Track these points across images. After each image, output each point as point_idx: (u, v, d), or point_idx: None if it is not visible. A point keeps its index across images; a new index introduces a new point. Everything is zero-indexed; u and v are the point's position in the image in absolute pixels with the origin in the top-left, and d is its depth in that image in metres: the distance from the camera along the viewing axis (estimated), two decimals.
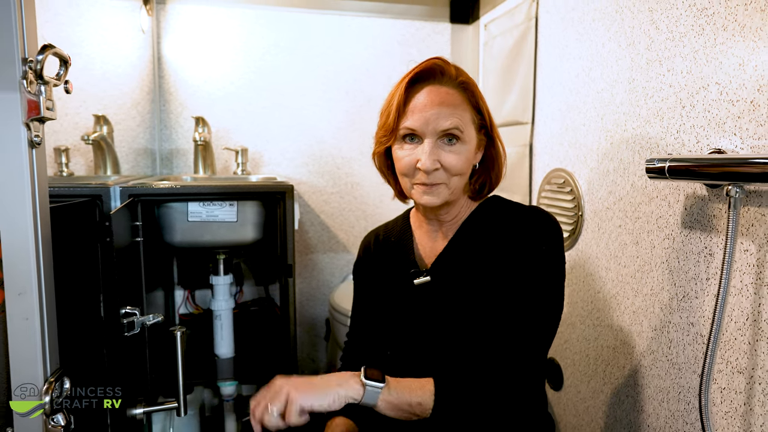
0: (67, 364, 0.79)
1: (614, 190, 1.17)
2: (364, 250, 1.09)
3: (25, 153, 0.69)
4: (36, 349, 0.73)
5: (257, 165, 1.91)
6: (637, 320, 1.11)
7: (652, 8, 1.04)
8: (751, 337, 0.84)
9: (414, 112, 0.88)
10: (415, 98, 0.89)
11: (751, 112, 0.83)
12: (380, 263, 1.05)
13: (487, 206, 0.97)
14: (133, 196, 1.18)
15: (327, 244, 2.00)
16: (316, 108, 1.93)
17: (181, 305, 1.82)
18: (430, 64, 0.90)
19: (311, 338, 2.04)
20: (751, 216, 0.83)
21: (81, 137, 1.49)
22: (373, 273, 1.06)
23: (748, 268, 0.84)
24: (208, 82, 1.84)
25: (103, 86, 1.63)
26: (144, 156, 1.77)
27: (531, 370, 0.84)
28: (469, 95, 0.91)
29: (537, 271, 0.86)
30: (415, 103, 0.88)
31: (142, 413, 1.06)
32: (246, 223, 1.35)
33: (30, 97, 0.69)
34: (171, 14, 1.80)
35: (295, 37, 1.90)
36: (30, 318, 0.72)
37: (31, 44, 0.70)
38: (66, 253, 0.87)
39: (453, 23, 1.98)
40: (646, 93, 1.06)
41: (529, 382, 0.84)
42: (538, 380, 0.97)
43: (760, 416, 0.83)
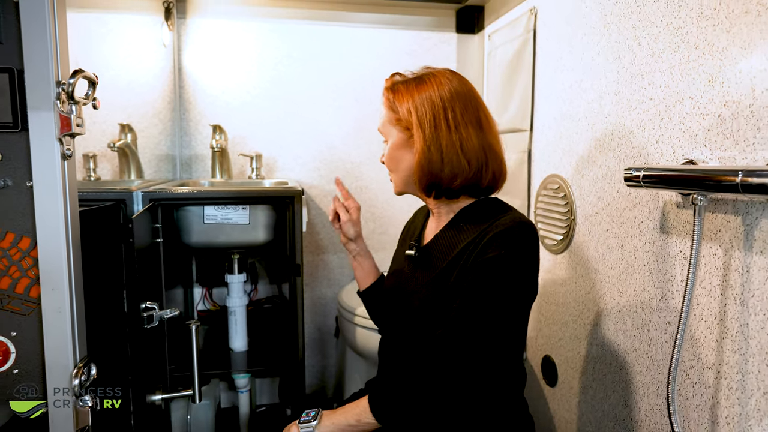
0: (93, 352, 0.88)
1: (602, 196, 1.23)
2: (410, 219, 1.25)
3: (58, 164, 0.79)
4: (66, 337, 0.83)
5: (271, 169, 2.01)
6: (621, 319, 1.17)
7: (635, 25, 1.10)
8: (719, 335, 0.90)
9: None
10: None
11: (718, 126, 0.89)
12: (407, 232, 1.21)
13: (480, 205, 1.03)
14: (153, 200, 1.28)
15: (337, 245, 2.08)
16: (326, 115, 2.02)
17: (200, 302, 1.93)
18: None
19: (322, 335, 2.13)
20: (719, 222, 0.89)
21: (107, 144, 1.61)
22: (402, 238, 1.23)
23: (716, 270, 0.90)
24: (226, 92, 1.95)
25: (128, 96, 1.75)
26: (165, 161, 1.88)
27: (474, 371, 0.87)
28: (386, 99, 1.01)
29: (490, 276, 0.88)
30: None
31: (161, 399, 1.17)
32: (257, 225, 1.44)
33: (63, 115, 0.79)
34: (191, 28, 1.91)
35: (308, 48, 1.99)
36: (62, 310, 0.81)
37: (63, 69, 0.80)
38: (93, 252, 0.97)
39: (459, 33, 2.05)
40: (630, 105, 1.12)
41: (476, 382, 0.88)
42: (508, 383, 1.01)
43: (725, 408, 0.88)
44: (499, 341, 0.87)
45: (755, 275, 0.82)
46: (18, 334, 0.81)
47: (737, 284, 0.86)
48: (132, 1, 1.68)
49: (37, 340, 0.81)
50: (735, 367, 0.86)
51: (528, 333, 1.63)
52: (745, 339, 0.84)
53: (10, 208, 0.78)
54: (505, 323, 0.88)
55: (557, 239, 1.42)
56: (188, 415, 1.55)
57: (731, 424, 0.87)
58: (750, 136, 0.82)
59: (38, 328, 0.81)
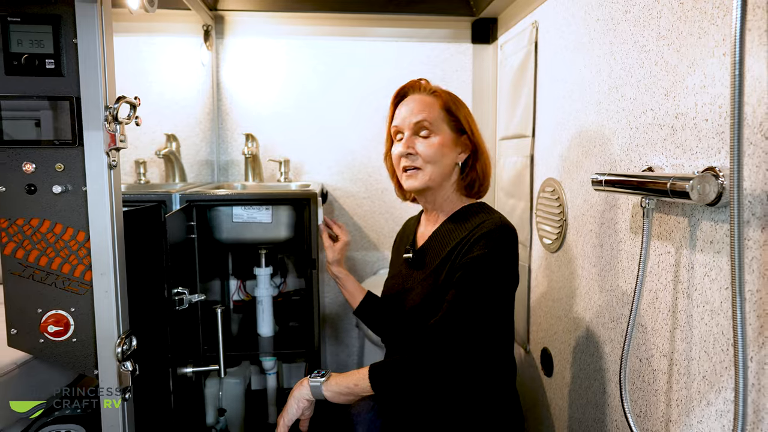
0: (134, 327, 1.07)
1: (588, 199, 1.33)
2: (401, 228, 1.41)
3: (105, 173, 0.98)
4: (112, 314, 1.02)
5: (299, 173, 2.20)
6: (601, 313, 1.26)
7: (612, 41, 1.20)
8: (671, 325, 0.99)
9: (398, 116, 1.17)
10: (400, 106, 1.19)
11: (671, 135, 0.98)
12: (400, 239, 1.37)
13: (470, 208, 1.19)
14: (189, 201, 1.48)
15: (359, 243, 2.25)
16: (349, 123, 2.19)
17: (235, 293, 2.14)
18: (411, 81, 1.20)
19: (345, 326, 2.30)
20: (672, 223, 0.98)
21: (155, 152, 1.84)
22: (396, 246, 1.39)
23: (669, 267, 0.99)
24: (258, 103, 2.15)
25: (174, 109, 1.98)
26: (205, 166, 2.10)
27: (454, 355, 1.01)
28: (440, 100, 1.16)
29: (477, 271, 1.04)
30: (399, 109, 1.18)
31: (191, 372, 1.36)
32: (279, 223, 1.62)
33: (110, 132, 0.98)
34: (227, 46, 2.12)
35: (333, 62, 2.16)
36: (108, 291, 1.01)
37: (111, 96, 0.99)
38: (139, 245, 1.16)
39: (474, 43, 2.17)
40: (608, 115, 1.22)
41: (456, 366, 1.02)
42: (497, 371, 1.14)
43: (675, 392, 0.97)
44: (486, 326, 1.04)
45: (697, 271, 0.91)
46: (76, 310, 1.00)
47: (685, 279, 0.95)
48: (176, 25, 1.90)
49: (90, 315, 1.00)
50: (683, 354, 0.95)
51: (530, 327, 1.73)
52: (690, 329, 0.93)
53: (70, 208, 0.97)
54: (491, 309, 1.04)
55: (552, 239, 1.52)
56: (220, 392, 1.75)
57: (680, 406, 0.96)
58: (694, 146, 0.92)
59: (91, 306, 1.00)
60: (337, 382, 1.07)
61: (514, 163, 1.84)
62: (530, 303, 1.73)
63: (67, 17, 0.94)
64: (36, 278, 0.99)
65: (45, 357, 1.01)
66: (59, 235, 0.98)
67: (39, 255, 0.98)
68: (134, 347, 1.06)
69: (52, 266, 0.99)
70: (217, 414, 1.76)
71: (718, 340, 0.86)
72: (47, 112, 0.95)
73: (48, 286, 0.99)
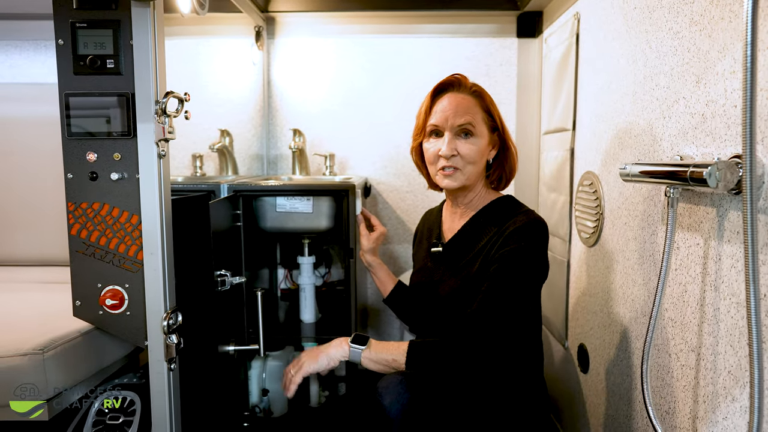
0: (181, 303, 1.17)
1: (623, 192, 1.30)
2: (420, 222, 1.45)
3: (155, 162, 1.08)
4: (160, 291, 1.11)
5: (344, 167, 2.27)
6: (634, 308, 1.24)
7: (648, 30, 1.17)
8: (699, 319, 0.96)
9: (437, 113, 1.19)
10: (439, 102, 1.20)
11: (702, 124, 0.95)
12: (422, 233, 1.39)
13: (499, 202, 1.21)
14: (235, 191, 1.59)
15: (402, 236, 2.29)
16: (393, 118, 2.23)
17: (282, 281, 2.24)
18: (450, 78, 1.22)
19: (386, 316, 2.35)
20: (701, 214, 0.95)
21: (209, 147, 1.97)
22: (417, 240, 1.41)
23: (698, 259, 0.96)
24: (306, 100, 2.24)
25: (228, 107, 2.11)
26: (256, 160, 2.22)
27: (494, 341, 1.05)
28: (481, 101, 1.18)
29: (512, 264, 1.07)
30: (438, 107, 1.19)
31: (233, 350, 1.46)
32: (320, 214, 1.69)
33: (159, 125, 1.07)
34: (278, 46, 2.23)
35: (379, 59, 2.22)
36: (157, 270, 1.10)
37: (161, 91, 1.09)
38: (188, 231, 1.26)
39: (519, 38, 2.15)
40: (643, 105, 1.19)
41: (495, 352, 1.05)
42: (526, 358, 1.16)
43: (702, 387, 0.95)
44: (520, 315, 1.08)
45: (724, 262, 0.88)
46: (129, 286, 1.11)
47: (712, 271, 0.92)
48: (229, 28, 2.02)
49: (142, 292, 1.11)
50: (710, 349, 0.93)
51: (568, 322, 1.71)
52: (717, 322, 0.91)
53: (125, 194, 1.08)
54: (525, 300, 1.09)
55: (589, 233, 1.50)
56: (263, 373, 1.85)
57: (706, 402, 0.94)
58: (723, 133, 0.89)
59: (142, 283, 1.11)
60: (376, 351, 1.11)
61: (555, 157, 1.82)
62: (569, 298, 1.71)
63: (125, 21, 1.04)
64: (96, 256, 1.10)
65: (104, 327, 1.12)
66: (116, 217, 1.09)
67: (99, 236, 1.10)
68: (180, 322, 1.16)
69: (110, 246, 1.10)
70: (261, 394, 1.86)
71: (744, 333, 0.84)
72: (108, 107, 1.06)
73: (106, 264, 1.10)
